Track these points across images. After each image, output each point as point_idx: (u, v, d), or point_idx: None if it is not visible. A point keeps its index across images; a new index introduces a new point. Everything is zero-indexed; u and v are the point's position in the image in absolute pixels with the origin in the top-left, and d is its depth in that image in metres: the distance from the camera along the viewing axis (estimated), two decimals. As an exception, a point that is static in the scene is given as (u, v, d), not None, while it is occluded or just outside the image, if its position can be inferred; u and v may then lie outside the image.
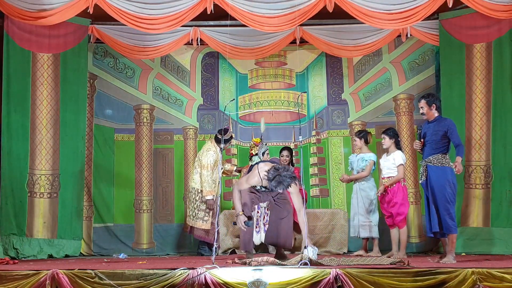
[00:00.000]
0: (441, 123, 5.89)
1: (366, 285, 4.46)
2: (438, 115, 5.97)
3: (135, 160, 8.40)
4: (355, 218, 7.15)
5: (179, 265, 4.78)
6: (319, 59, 8.68)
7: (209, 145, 7.32)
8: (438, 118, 5.95)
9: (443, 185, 5.72)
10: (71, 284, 4.58)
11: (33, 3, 6.99)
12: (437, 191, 5.73)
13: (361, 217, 7.06)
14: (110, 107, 8.41)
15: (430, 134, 5.90)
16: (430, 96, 6.04)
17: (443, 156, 5.82)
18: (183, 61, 8.68)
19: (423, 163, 5.92)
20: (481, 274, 4.47)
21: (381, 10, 7.01)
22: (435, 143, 5.85)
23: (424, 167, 5.90)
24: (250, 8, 7.09)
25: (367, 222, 7.02)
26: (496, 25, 7.36)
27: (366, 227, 7.02)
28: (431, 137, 5.88)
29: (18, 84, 7.44)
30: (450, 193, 5.73)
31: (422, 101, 5.99)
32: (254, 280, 4.42)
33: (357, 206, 7.11)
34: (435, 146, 5.85)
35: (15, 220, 7.25)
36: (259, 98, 8.66)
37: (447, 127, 5.81)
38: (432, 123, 5.95)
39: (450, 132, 5.79)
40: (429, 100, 5.95)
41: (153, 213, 8.35)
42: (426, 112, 5.96)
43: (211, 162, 7.13)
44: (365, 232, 7.02)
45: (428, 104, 5.94)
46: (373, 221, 7.02)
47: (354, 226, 7.18)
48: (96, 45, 8.30)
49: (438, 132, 5.83)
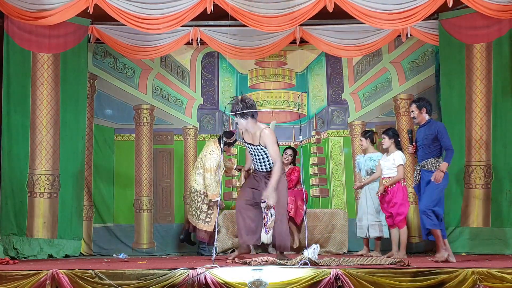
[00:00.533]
0: (431, 126, 5.92)
1: (366, 285, 4.46)
2: (429, 118, 6.00)
3: (135, 160, 8.41)
4: (363, 219, 7.08)
5: (179, 265, 4.78)
6: (319, 59, 8.68)
7: (212, 147, 7.23)
8: (429, 122, 5.98)
9: (433, 188, 5.77)
10: (71, 284, 4.58)
11: (33, 3, 6.99)
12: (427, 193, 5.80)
13: (370, 217, 7.01)
14: (110, 107, 8.41)
15: (422, 139, 5.96)
16: (420, 100, 6.09)
17: (437, 160, 5.86)
18: (183, 61, 8.68)
19: (418, 168, 5.98)
20: (481, 274, 4.47)
21: (381, 10, 7.01)
22: (427, 147, 5.90)
23: (418, 171, 5.96)
24: (250, 8, 7.09)
25: (377, 222, 6.97)
26: (496, 25, 7.36)
27: (376, 227, 6.97)
28: (423, 141, 5.94)
29: (18, 84, 7.44)
30: (437, 193, 5.79)
31: (413, 105, 6.05)
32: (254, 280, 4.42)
33: (366, 206, 7.06)
34: (427, 150, 5.89)
35: (15, 220, 7.25)
36: (259, 98, 8.66)
37: (437, 130, 5.85)
38: (423, 127, 6.00)
39: (440, 135, 5.83)
40: (419, 104, 6.00)
41: (153, 213, 8.35)
42: (417, 116, 6.00)
43: (214, 166, 7.10)
44: (376, 232, 6.98)
45: (418, 108, 5.99)
46: (383, 221, 6.99)
47: (362, 226, 7.09)
48: (96, 45, 8.30)
49: (428, 136, 5.88)
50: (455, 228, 7.51)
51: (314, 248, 5.20)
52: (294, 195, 7.62)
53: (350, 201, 8.34)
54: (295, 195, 7.61)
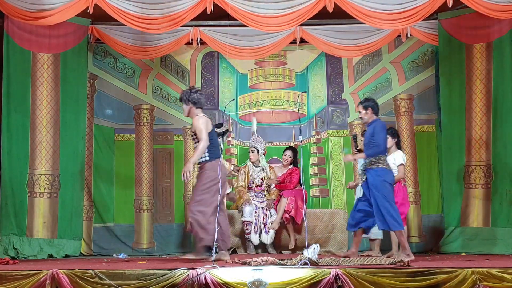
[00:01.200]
0: (372, 125, 6.06)
1: (366, 285, 4.46)
2: (375, 118, 6.12)
3: (135, 160, 8.40)
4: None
5: (179, 265, 4.79)
6: (319, 59, 8.68)
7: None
8: (374, 121, 6.10)
9: (378, 186, 5.90)
10: (71, 284, 4.58)
11: (33, 3, 6.98)
12: (375, 192, 5.92)
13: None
14: (110, 107, 8.41)
15: (365, 138, 6.13)
16: (367, 100, 6.22)
17: (377, 158, 5.97)
18: (183, 61, 8.67)
19: (362, 166, 6.14)
20: (481, 274, 4.48)
21: (381, 10, 7.00)
22: (368, 145, 6.02)
23: (363, 169, 6.11)
24: (250, 8, 7.09)
25: None
26: (496, 25, 7.35)
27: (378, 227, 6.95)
28: (365, 140, 6.11)
29: (18, 84, 7.44)
30: (387, 192, 5.91)
31: (360, 106, 6.19)
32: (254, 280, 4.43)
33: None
34: (368, 147, 6.02)
35: (15, 220, 7.25)
36: (259, 98, 8.66)
37: (373, 127, 5.99)
38: (368, 127, 6.15)
39: (375, 131, 5.95)
40: (366, 104, 6.14)
41: (153, 213, 8.35)
42: (363, 115, 6.13)
43: None
44: (380, 233, 6.98)
45: (364, 108, 6.11)
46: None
47: None
48: (96, 45, 8.30)
49: (369, 135, 6.02)
50: (455, 228, 7.51)
51: (314, 248, 5.20)
52: (294, 195, 7.63)
53: (350, 201, 8.32)
54: (295, 195, 7.62)
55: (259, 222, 7.64)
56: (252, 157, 7.96)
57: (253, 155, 7.96)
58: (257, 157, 7.98)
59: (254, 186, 7.94)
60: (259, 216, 7.66)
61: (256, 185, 7.94)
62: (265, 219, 7.68)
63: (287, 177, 7.89)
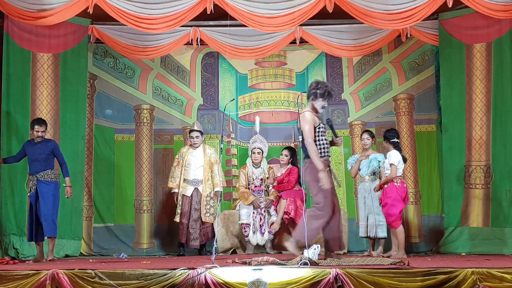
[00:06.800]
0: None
1: (366, 285, 4.45)
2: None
3: (135, 160, 8.40)
4: (369, 218, 7.04)
5: (179, 265, 4.78)
6: (319, 59, 8.67)
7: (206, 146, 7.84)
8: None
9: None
10: (71, 284, 4.57)
11: (33, 3, 6.99)
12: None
13: (377, 216, 6.94)
14: (110, 107, 8.41)
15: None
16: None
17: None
18: (183, 61, 8.67)
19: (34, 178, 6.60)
20: (481, 274, 4.47)
21: (381, 10, 7.01)
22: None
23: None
24: (250, 8, 7.09)
25: (384, 221, 6.92)
26: (496, 25, 7.36)
27: (384, 227, 6.95)
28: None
29: (18, 84, 7.44)
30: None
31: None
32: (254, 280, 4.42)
33: (373, 205, 7.00)
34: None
35: (15, 220, 7.24)
36: (259, 98, 8.66)
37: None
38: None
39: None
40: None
41: (153, 213, 8.35)
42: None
43: (219, 158, 7.39)
44: (383, 232, 6.97)
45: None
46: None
47: (368, 225, 7.05)
48: (96, 45, 8.30)
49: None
50: (455, 228, 7.51)
51: (314, 248, 5.19)
52: (293, 195, 7.61)
53: (350, 201, 8.33)
54: (294, 196, 7.61)
55: (256, 223, 7.64)
56: (257, 158, 7.91)
57: (259, 156, 7.91)
58: (261, 158, 7.96)
59: (253, 187, 7.92)
60: (257, 217, 7.66)
61: (255, 185, 7.92)
62: (263, 220, 7.67)
63: (286, 177, 7.87)
